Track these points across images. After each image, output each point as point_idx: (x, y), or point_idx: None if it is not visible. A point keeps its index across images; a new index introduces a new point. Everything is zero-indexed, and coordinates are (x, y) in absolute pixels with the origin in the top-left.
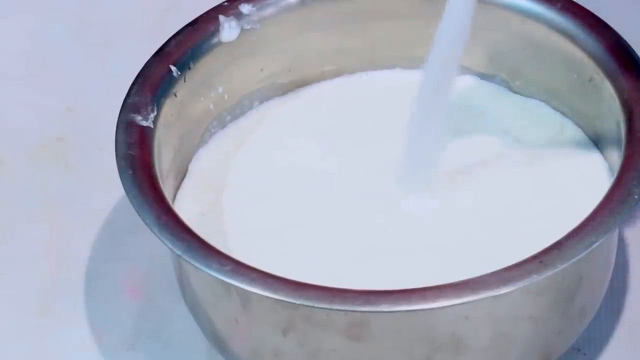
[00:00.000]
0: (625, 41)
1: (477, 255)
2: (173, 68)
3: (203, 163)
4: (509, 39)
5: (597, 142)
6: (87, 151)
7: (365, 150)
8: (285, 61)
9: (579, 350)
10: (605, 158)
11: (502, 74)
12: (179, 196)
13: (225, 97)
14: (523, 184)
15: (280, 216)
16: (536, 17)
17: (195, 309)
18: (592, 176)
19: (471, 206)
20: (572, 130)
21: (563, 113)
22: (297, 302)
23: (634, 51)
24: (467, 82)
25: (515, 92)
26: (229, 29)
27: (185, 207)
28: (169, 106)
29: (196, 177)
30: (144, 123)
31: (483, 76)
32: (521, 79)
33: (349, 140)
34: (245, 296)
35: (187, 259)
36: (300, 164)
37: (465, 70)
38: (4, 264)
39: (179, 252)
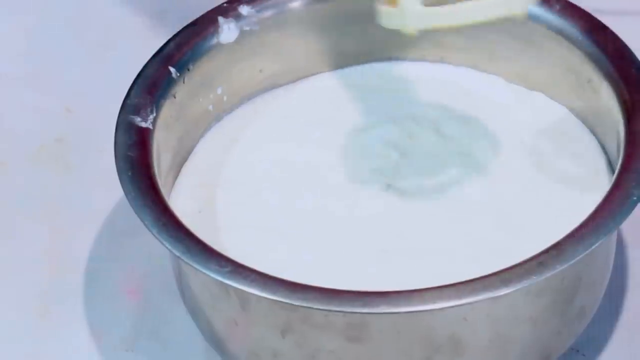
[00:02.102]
0: (623, 42)
1: (479, 253)
2: (172, 69)
3: (199, 159)
4: (509, 40)
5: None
6: (87, 152)
7: (363, 142)
8: (284, 62)
9: (577, 351)
10: (605, 156)
11: (501, 74)
12: (175, 193)
13: (225, 98)
14: (521, 178)
15: (278, 211)
16: (536, 19)
17: (194, 310)
18: (592, 171)
19: (470, 202)
20: (570, 122)
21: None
22: (296, 303)
23: (632, 52)
24: (465, 74)
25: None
26: (228, 31)
27: (182, 204)
28: (168, 107)
29: (193, 174)
30: (143, 124)
31: None
32: (520, 79)
33: (346, 131)
34: (244, 297)
35: (186, 260)
36: (296, 158)
37: (464, 67)
38: (4, 264)
39: (178, 254)
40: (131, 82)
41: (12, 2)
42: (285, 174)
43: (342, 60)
